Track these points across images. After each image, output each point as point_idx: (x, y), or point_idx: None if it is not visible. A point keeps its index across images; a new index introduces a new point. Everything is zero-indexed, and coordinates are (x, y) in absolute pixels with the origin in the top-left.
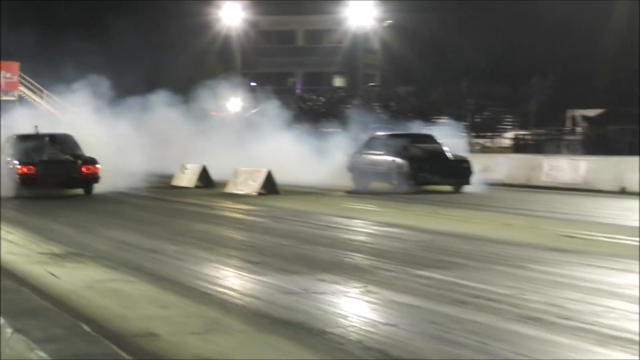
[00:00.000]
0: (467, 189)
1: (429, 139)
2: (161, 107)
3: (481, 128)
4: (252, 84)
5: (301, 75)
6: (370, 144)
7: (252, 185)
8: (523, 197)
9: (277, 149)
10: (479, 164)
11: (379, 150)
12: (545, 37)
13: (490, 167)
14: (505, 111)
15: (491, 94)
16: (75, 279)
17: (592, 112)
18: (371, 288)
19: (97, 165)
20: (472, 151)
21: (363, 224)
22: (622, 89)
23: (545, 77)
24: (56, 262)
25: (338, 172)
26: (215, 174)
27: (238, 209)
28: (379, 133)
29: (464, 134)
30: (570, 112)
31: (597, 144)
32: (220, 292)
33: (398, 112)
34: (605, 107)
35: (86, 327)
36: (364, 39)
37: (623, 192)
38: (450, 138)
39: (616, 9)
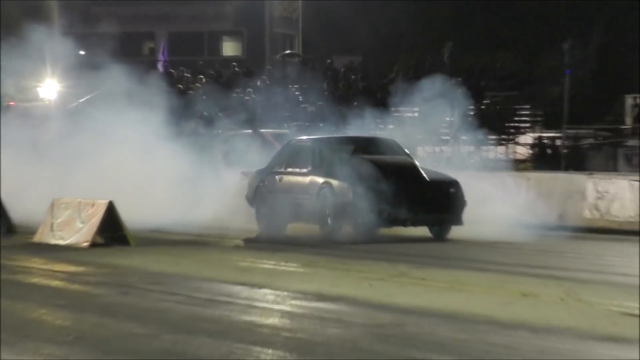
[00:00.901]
0: (456, 232)
1: (389, 146)
2: None
3: (479, 127)
4: (81, 52)
5: (166, 38)
6: (287, 156)
7: (81, 230)
8: (553, 247)
9: (125, 165)
10: (476, 188)
11: (301, 167)
12: None
13: (496, 194)
14: (519, 98)
15: (494, 69)
16: None
17: None
18: None
19: None
20: (464, 167)
21: (276, 297)
22: None
23: (585, 42)
24: None
25: (234, 205)
26: (16, 211)
27: (57, 271)
28: (302, 137)
29: (450, 138)
30: (630, 100)
31: None
32: None
33: (334, 99)
34: None
35: None
36: None
37: None
38: (423, 144)
39: None
